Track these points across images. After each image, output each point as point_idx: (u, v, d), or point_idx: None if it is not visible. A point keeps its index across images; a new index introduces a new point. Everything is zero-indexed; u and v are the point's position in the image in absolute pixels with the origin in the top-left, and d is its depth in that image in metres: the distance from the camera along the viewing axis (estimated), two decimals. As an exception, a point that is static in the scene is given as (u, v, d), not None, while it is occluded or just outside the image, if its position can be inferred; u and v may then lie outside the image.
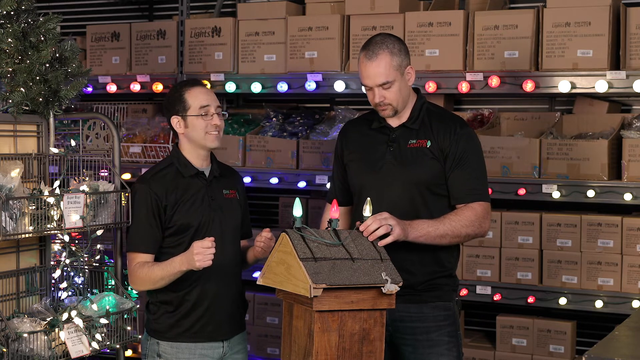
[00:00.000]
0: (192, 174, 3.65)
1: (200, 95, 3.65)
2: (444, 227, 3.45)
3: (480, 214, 3.52)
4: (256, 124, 5.53)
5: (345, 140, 3.76)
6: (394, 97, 3.54)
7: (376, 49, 3.53)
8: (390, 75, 3.51)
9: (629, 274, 4.51)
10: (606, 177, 4.49)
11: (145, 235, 3.60)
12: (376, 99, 3.54)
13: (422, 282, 3.54)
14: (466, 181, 3.54)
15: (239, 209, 3.74)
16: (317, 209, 5.36)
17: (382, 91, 3.53)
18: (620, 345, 2.72)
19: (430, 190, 3.55)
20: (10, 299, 3.66)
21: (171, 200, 3.60)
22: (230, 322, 3.69)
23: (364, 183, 3.62)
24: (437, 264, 3.57)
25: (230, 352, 3.70)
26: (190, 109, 3.63)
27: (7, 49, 3.57)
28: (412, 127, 3.59)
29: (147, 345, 3.69)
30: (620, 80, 4.39)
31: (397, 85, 3.53)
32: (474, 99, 5.38)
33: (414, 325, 3.55)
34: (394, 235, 3.25)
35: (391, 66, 3.51)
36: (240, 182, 3.85)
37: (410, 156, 3.56)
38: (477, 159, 3.59)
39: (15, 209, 3.37)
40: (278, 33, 5.16)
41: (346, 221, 3.76)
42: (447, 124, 3.58)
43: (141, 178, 3.71)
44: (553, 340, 4.78)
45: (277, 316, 5.34)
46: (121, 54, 5.61)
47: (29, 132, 3.74)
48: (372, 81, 3.52)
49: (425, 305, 3.55)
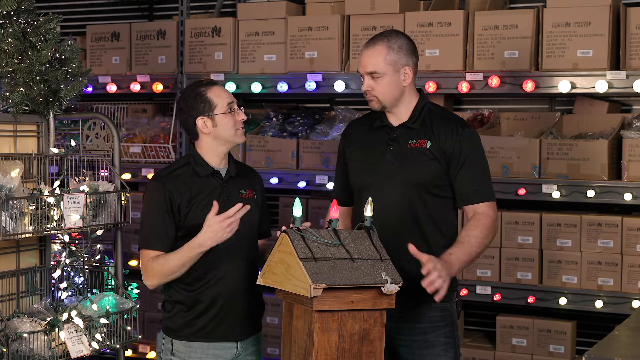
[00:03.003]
0: (208, 174, 3.63)
1: (223, 93, 3.65)
2: (475, 249, 3.45)
3: (493, 216, 3.52)
4: (256, 124, 5.53)
5: (348, 139, 3.76)
6: (380, 90, 3.54)
7: (376, 39, 3.57)
8: (380, 67, 3.52)
9: (629, 274, 4.51)
10: (606, 177, 4.49)
11: (158, 232, 3.56)
12: (363, 87, 3.57)
13: (420, 283, 3.54)
14: (472, 181, 3.53)
15: (255, 208, 3.70)
16: (317, 209, 5.36)
17: (370, 81, 3.54)
18: (620, 345, 2.72)
19: (428, 191, 3.54)
20: (10, 299, 3.66)
21: (185, 199, 3.57)
22: (244, 322, 3.67)
23: (364, 182, 3.62)
24: None
25: (244, 352, 3.68)
26: (217, 108, 3.60)
27: (7, 49, 3.57)
28: (413, 126, 3.59)
29: (162, 343, 3.68)
30: (620, 80, 4.39)
31: (386, 80, 3.53)
32: (474, 99, 5.38)
33: (411, 325, 3.54)
34: (447, 284, 3.27)
35: (384, 59, 3.52)
36: (259, 182, 3.82)
37: (410, 156, 3.56)
38: (481, 158, 3.58)
39: (15, 209, 3.37)
40: (278, 33, 5.16)
41: (348, 221, 3.76)
42: (448, 124, 3.58)
43: (155, 176, 3.69)
44: (553, 340, 4.78)
45: (277, 316, 5.34)
46: (121, 54, 5.61)
47: (29, 132, 3.74)
48: (362, 68, 3.56)
49: (422, 305, 3.55)
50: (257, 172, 3.88)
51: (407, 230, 3.53)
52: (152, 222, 3.58)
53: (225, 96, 3.65)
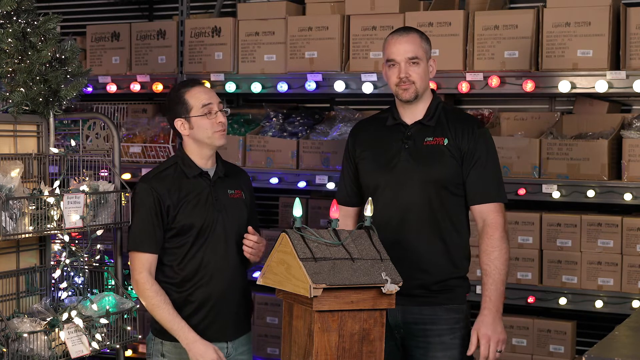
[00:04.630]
0: (195, 174, 3.64)
1: (200, 94, 3.63)
2: (502, 274, 3.49)
3: (501, 223, 3.51)
4: (256, 124, 5.53)
5: (357, 139, 3.72)
6: (418, 77, 3.53)
7: (408, 29, 3.63)
8: (419, 53, 3.53)
9: (629, 274, 4.51)
10: (606, 177, 4.49)
11: (147, 234, 3.58)
12: (401, 74, 3.52)
13: (437, 282, 3.52)
14: (483, 182, 3.53)
15: (244, 209, 3.72)
16: (317, 209, 5.36)
17: (409, 67, 3.53)
18: (620, 345, 2.72)
19: (447, 190, 3.52)
20: (10, 299, 3.66)
21: (174, 200, 3.58)
22: (234, 323, 3.68)
23: (378, 182, 3.58)
24: (451, 264, 3.55)
25: (235, 352, 3.69)
26: (192, 110, 3.61)
27: (7, 49, 3.57)
28: (429, 124, 3.56)
29: (152, 345, 3.69)
30: (620, 80, 4.39)
31: (422, 67, 3.54)
32: (474, 99, 5.37)
33: (427, 327, 3.52)
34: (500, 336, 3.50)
35: (421, 46, 3.55)
36: (247, 182, 3.82)
37: (426, 154, 3.53)
38: (495, 159, 3.58)
39: (15, 209, 3.37)
40: (278, 33, 5.16)
41: (356, 222, 3.72)
42: (465, 123, 3.57)
43: (143, 177, 3.70)
44: (553, 340, 4.77)
45: (277, 316, 5.34)
46: (121, 54, 5.61)
47: (29, 132, 3.74)
48: (402, 55, 3.53)
49: (439, 307, 3.53)
50: (245, 171, 3.89)
51: (425, 229, 3.51)
52: (141, 225, 3.59)
53: (203, 97, 3.61)
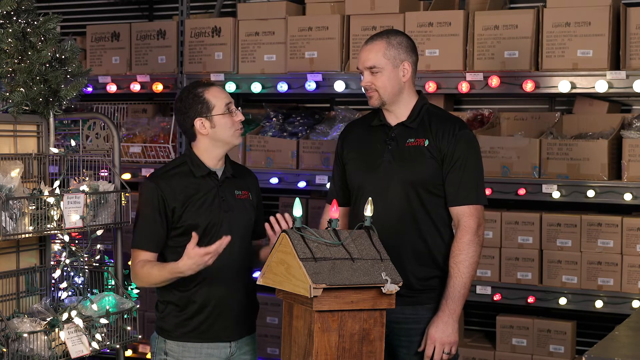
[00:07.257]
0: (203, 174, 3.63)
1: (220, 94, 3.64)
2: (464, 277, 3.51)
3: (473, 226, 3.51)
4: (256, 124, 5.53)
5: (346, 140, 3.77)
6: (380, 85, 3.56)
7: (375, 36, 3.62)
8: (379, 62, 3.55)
9: (629, 274, 4.51)
10: (606, 177, 4.49)
11: (149, 233, 3.58)
12: (363, 83, 3.60)
13: (418, 281, 3.54)
14: (461, 184, 3.53)
15: (251, 210, 3.72)
16: (317, 209, 5.35)
17: (370, 76, 3.57)
18: (620, 345, 2.72)
19: (427, 190, 3.55)
20: (10, 299, 3.66)
21: (180, 200, 3.58)
22: (238, 323, 3.67)
23: (362, 182, 3.63)
24: (433, 264, 3.57)
25: (238, 352, 3.68)
26: (215, 109, 3.60)
27: (7, 49, 3.57)
28: (411, 125, 3.60)
29: (156, 343, 3.69)
30: (620, 80, 4.39)
31: (385, 75, 3.55)
32: (474, 99, 5.38)
33: (409, 327, 3.54)
34: (452, 337, 3.49)
35: (384, 54, 3.55)
36: (255, 183, 3.82)
37: (408, 155, 3.57)
38: (475, 161, 3.58)
39: (15, 209, 3.37)
40: (278, 33, 5.16)
41: (345, 220, 3.76)
42: (446, 124, 3.58)
43: (151, 175, 3.69)
44: (553, 340, 4.78)
45: (277, 316, 5.34)
46: (121, 54, 5.61)
47: (29, 132, 3.74)
48: (362, 64, 3.60)
49: (420, 307, 3.55)
50: (254, 172, 3.89)
51: (406, 229, 3.54)
52: (144, 223, 3.60)
53: (223, 97, 3.64)
